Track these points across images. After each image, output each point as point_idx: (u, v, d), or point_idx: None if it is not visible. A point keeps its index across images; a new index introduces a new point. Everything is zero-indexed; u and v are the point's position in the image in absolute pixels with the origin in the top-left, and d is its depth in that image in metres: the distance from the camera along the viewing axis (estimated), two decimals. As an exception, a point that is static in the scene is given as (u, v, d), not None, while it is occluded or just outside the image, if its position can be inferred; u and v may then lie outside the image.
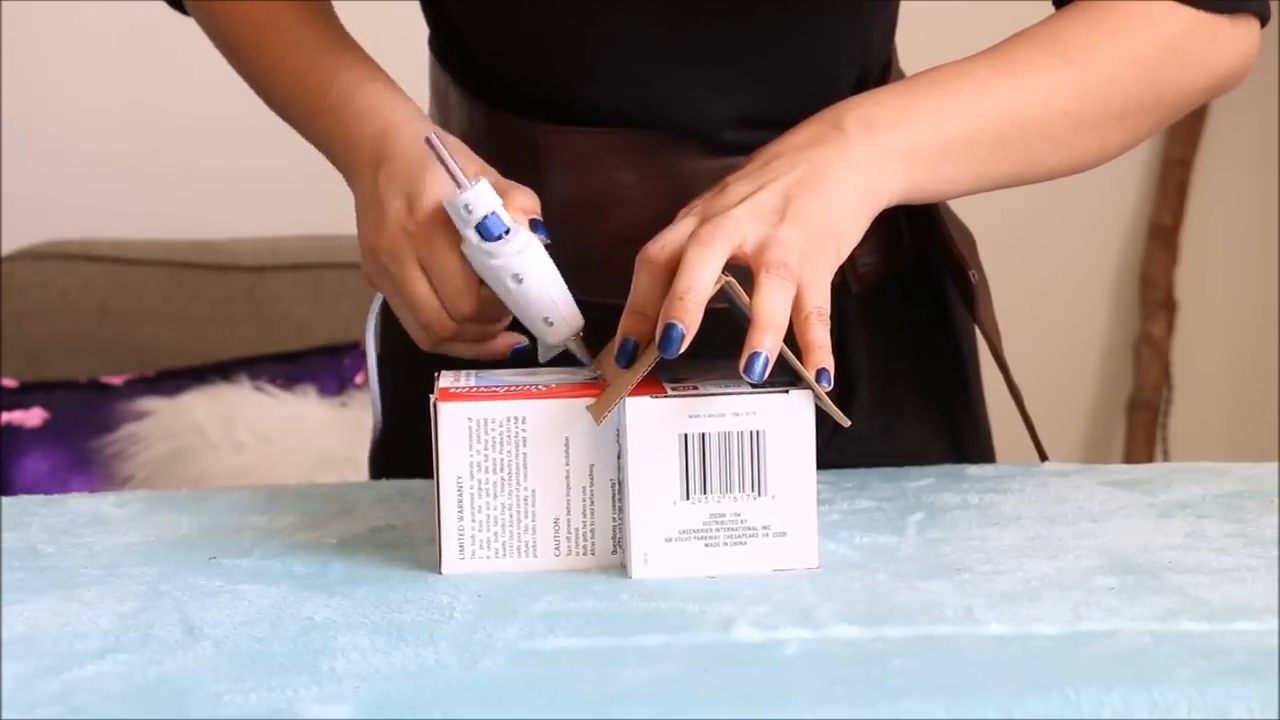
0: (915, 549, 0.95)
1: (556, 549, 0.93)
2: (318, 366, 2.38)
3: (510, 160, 1.09)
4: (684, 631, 0.82)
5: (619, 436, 0.91)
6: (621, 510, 0.92)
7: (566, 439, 0.92)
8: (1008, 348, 1.21)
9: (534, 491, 0.92)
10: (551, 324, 0.99)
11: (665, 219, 1.04)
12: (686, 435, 0.90)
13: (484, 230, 0.97)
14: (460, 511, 0.92)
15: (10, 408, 2.29)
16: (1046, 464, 1.14)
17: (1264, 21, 1.09)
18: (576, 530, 0.93)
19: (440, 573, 0.92)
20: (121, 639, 0.82)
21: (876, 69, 1.15)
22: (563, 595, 0.87)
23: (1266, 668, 0.74)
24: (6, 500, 1.08)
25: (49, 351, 2.42)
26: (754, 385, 0.90)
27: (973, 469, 1.13)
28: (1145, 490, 1.06)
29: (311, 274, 2.46)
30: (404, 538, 1.00)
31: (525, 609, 0.85)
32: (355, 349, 2.40)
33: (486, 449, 0.92)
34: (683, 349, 0.89)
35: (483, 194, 0.96)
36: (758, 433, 0.90)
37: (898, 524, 1.00)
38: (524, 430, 0.92)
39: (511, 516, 0.92)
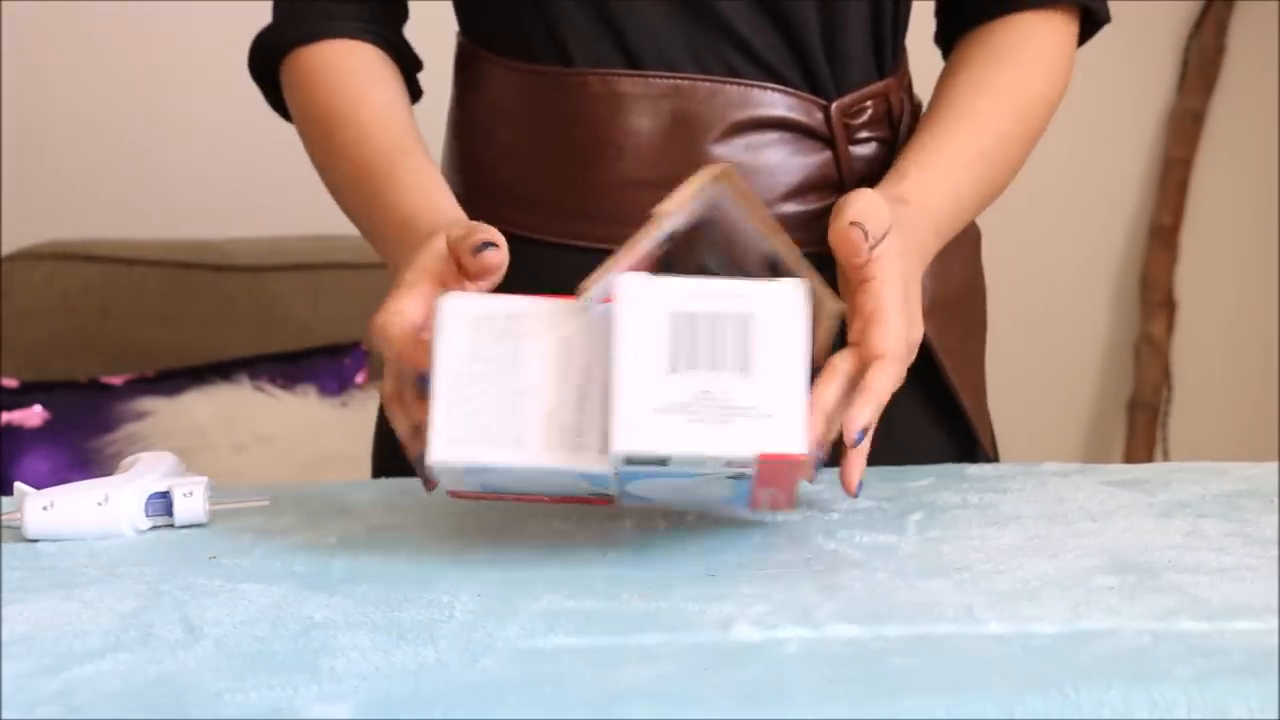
0: (915, 548, 0.95)
1: (546, 443, 0.91)
2: (318, 366, 2.38)
3: (532, 114, 1.17)
4: (684, 630, 0.82)
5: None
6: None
7: (567, 339, 0.92)
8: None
9: (528, 386, 0.91)
10: None
11: (680, 163, 1.12)
12: (676, 313, 0.89)
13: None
14: (451, 400, 0.91)
15: (10, 408, 2.29)
16: (1046, 464, 1.14)
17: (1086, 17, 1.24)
18: (567, 427, 0.91)
19: (428, 462, 0.91)
20: (122, 638, 0.82)
21: (888, 25, 1.21)
22: (563, 594, 0.87)
23: (1266, 667, 0.74)
24: (6, 500, 1.08)
25: (49, 351, 2.42)
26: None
27: (973, 469, 1.14)
28: (1145, 490, 1.06)
29: (311, 274, 2.47)
30: (404, 538, 1.00)
31: (525, 608, 0.85)
32: (355, 349, 2.40)
33: (484, 341, 0.91)
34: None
35: None
36: (748, 314, 0.90)
37: (898, 523, 1.00)
38: (524, 327, 0.92)
39: (504, 407, 0.91)
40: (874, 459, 1.17)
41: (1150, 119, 2.77)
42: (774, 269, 0.96)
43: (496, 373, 0.91)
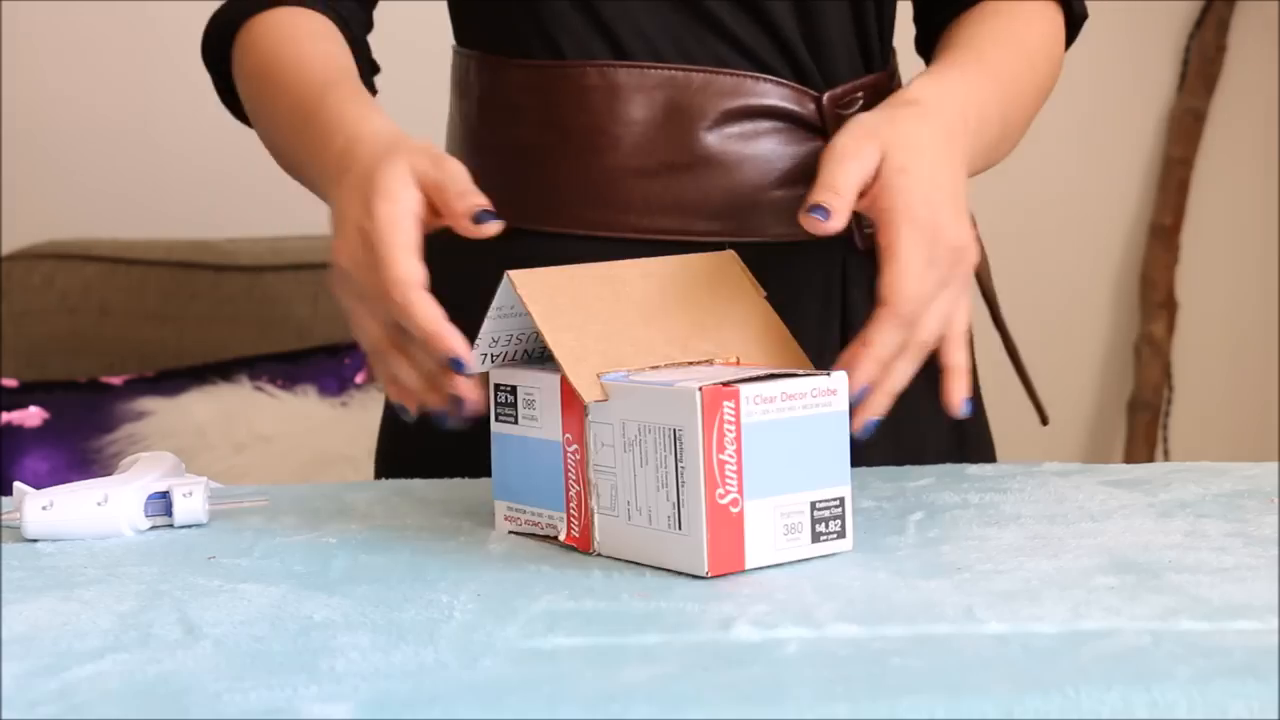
0: (915, 548, 0.95)
1: None
2: (318, 366, 2.38)
3: (526, 107, 1.18)
4: (684, 630, 0.82)
5: None
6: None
7: None
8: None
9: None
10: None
11: (674, 150, 1.15)
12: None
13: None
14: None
15: (10, 408, 2.29)
16: (1046, 464, 1.14)
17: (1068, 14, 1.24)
18: None
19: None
20: (121, 638, 0.82)
21: (874, 24, 1.21)
22: (563, 595, 0.87)
23: (1266, 667, 0.74)
24: (5, 500, 1.08)
25: (49, 351, 2.42)
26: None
27: (973, 469, 1.14)
28: (1145, 490, 1.06)
29: (311, 274, 2.46)
30: (404, 538, 1.00)
31: (525, 608, 0.85)
32: (355, 349, 2.40)
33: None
34: None
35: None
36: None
37: (898, 523, 1.00)
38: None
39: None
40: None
41: (1150, 119, 2.77)
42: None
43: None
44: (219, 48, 1.22)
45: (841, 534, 0.93)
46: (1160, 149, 2.76)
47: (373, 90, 1.20)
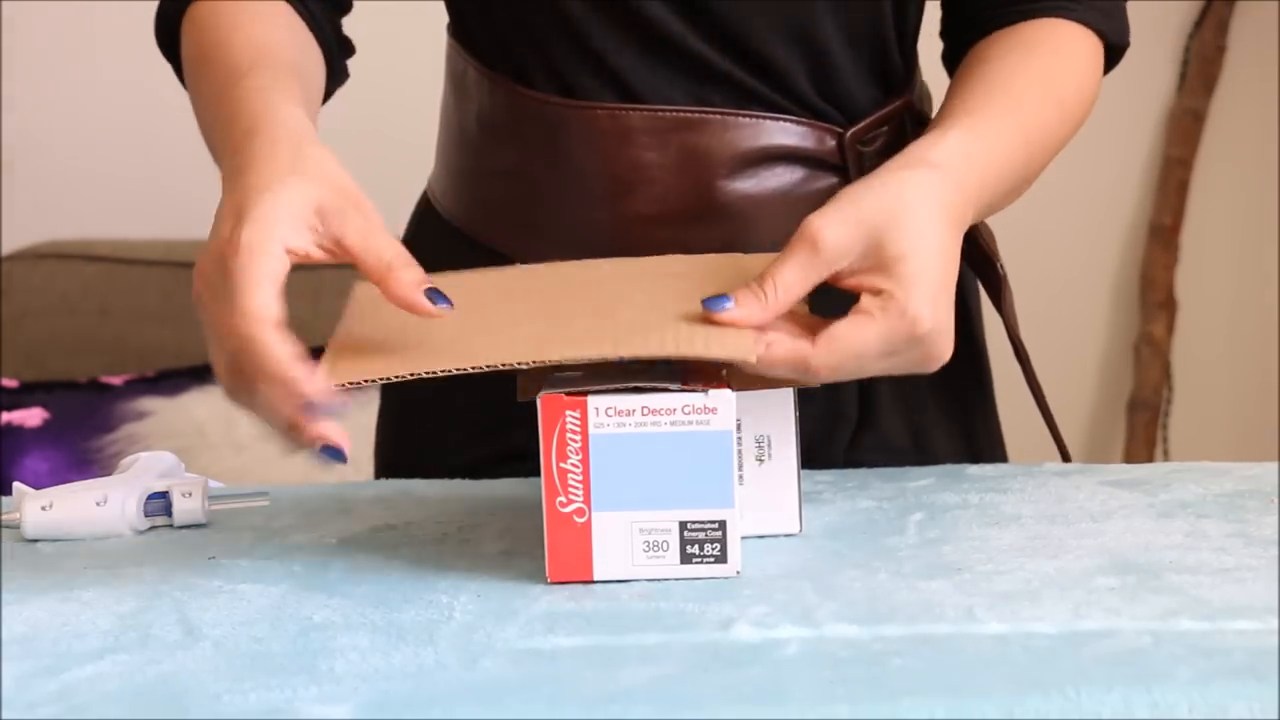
0: (915, 549, 0.95)
1: None
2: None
3: (530, 138, 1.13)
4: (684, 631, 0.82)
5: None
6: None
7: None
8: (1009, 348, 1.22)
9: None
10: None
11: (689, 198, 1.09)
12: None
13: None
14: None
15: (10, 408, 2.29)
16: (1046, 464, 1.14)
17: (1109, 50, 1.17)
18: None
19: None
20: (121, 639, 0.82)
21: (895, 52, 1.16)
22: (562, 595, 0.87)
23: (1267, 667, 0.74)
24: (5, 500, 1.08)
25: (49, 351, 2.42)
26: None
27: (973, 469, 1.13)
28: (1145, 490, 1.05)
29: (311, 274, 2.45)
30: (404, 538, 1.00)
31: (525, 609, 0.85)
32: (355, 349, 2.40)
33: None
34: None
35: None
36: None
37: (898, 524, 1.00)
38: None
39: None
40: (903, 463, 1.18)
41: (1150, 119, 2.77)
42: None
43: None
44: (170, 38, 1.16)
45: (721, 558, 0.89)
46: (1160, 149, 2.76)
47: (344, 74, 1.14)
